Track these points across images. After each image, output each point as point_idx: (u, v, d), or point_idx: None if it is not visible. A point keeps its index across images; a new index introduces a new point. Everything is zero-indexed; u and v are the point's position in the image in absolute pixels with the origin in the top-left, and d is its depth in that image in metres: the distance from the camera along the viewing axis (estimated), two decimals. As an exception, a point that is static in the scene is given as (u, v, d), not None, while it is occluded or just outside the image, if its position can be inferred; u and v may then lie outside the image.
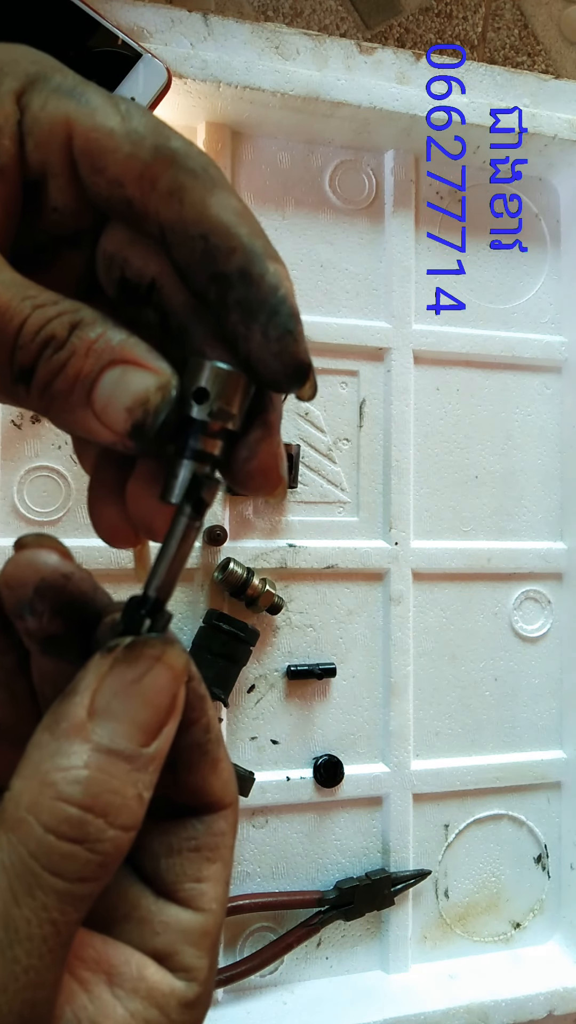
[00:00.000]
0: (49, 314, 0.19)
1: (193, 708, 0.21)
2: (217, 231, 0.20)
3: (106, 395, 0.19)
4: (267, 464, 0.22)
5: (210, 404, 0.20)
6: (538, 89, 0.59)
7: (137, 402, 0.19)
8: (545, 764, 0.62)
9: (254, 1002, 0.54)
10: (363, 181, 0.60)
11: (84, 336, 0.19)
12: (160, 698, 0.19)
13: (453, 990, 0.56)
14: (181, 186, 0.20)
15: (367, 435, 0.59)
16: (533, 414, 0.63)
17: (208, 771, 0.22)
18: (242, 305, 0.20)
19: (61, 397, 0.20)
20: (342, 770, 0.56)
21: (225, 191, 0.21)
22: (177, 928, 0.20)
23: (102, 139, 0.20)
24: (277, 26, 0.53)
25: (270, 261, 0.20)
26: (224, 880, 0.21)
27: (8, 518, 0.51)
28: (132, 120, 0.20)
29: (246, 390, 0.21)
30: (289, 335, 0.20)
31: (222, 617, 0.52)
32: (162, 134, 0.21)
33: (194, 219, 0.20)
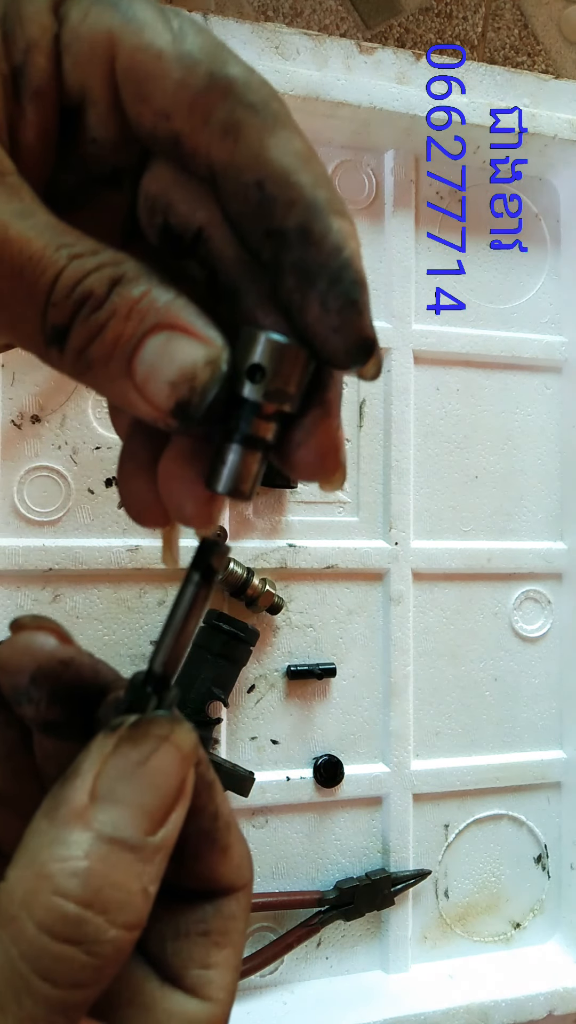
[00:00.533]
0: (87, 266, 0.17)
1: (200, 795, 0.20)
2: (275, 178, 0.17)
3: (148, 365, 0.17)
4: (325, 448, 0.19)
5: (265, 383, 0.18)
6: (538, 89, 0.59)
7: (183, 377, 0.17)
8: (545, 764, 0.62)
9: (254, 1002, 0.54)
10: (363, 181, 0.60)
11: (126, 294, 0.17)
12: (168, 781, 0.18)
13: (453, 990, 0.56)
14: (237, 122, 0.18)
15: (367, 435, 0.59)
16: (533, 414, 0.63)
17: (217, 859, 0.20)
18: (300, 268, 0.18)
19: (98, 364, 0.17)
20: (342, 770, 0.56)
21: (289, 130, 0.18)
22: (182, 1018, 0.19)
23: (149, 62, 0.17)
24: (277, 26, 0.53)
25: (335, 216, 0.18)
26: (234, 967, 0.20)
27: (8, 518, 0.51)
28: (185, 40, 0.18)
29: (305, 368, 0.18)
30: (352, 306, 0.17)
31: (222, 617, 0.52)
32: (219, 58, 0.18)
33: (250, 162, 0.18)
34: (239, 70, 0.18)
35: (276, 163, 0.18)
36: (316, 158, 0.18)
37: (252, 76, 0.18)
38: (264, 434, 0.18)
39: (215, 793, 0.20)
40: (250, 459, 0.18)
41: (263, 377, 0.18)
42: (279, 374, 0.18)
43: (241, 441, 0.18)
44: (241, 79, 0.18)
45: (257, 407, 0.18)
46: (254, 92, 0.18)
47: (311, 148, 0.18)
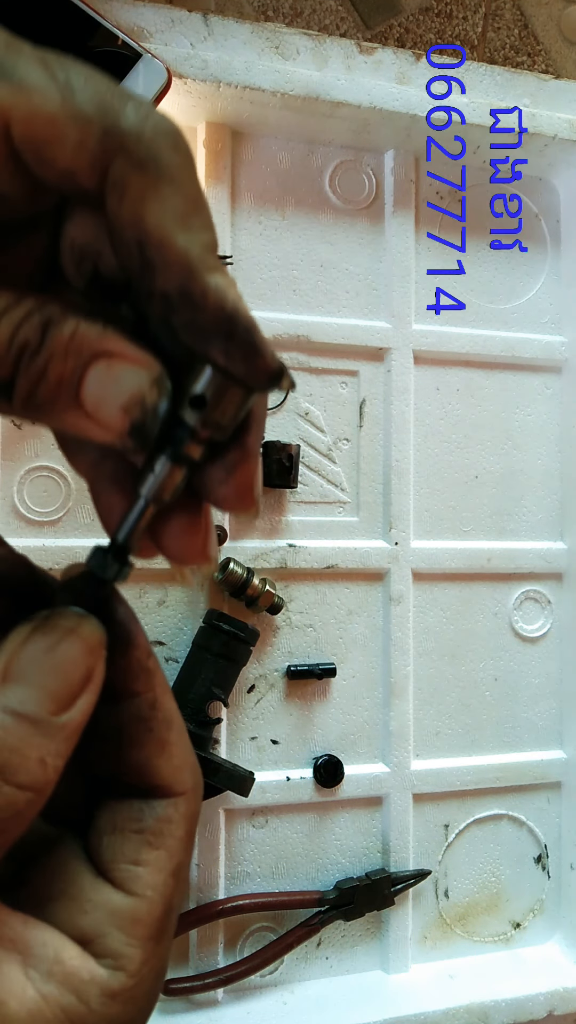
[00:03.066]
0: (15, 318, 0.18)
1: (136, 678, 0.21)
2: (151, 240, 0.18)
3: (95, 394, 0.18)
4: (243, 487, 0.21)
5: (205, 412, 0.19)
6: (538, 89, 0.59)
7: (133, 400, 0.18)
8: (545, 764, 0.62)
9: (254, 1002, 0.54)
10: (363, 181, 0.60)
11: (58, 335, 0.18)
12: (73, 668, 0.19)
13: (453, 990, 0.56)
14: (124, 181, 0.18)
15: (367, 435, 0.59)
16: (533, 414, 0.63)
17: (154, 751, 0.21)
18: (192, 328, 0.19)
19: (47, 403, 0.18)
20: (342, 770, 0.56)
21: (171, 185, 0.18)
22: (105, 908, 0.20)
23: (43, 128, 0.17)
24: (277, 26, 0.53)
25: (210, 274, 0.18)
26: (167, 870, 0.21)
27: (8, 518, 0.51)
28: (75, 95, 0.17)
29: (242, 404, 0.20)
30: (252, 351, 0.19)
31: (222, 617, 0.52)
32: (111, 110, 0.18)
33: (130, 223, 0.18)
34: (132, 121, 0.18)
35: (153, 224, 0.18)
36: (195, 212, 0.18)
37: (145, 125, 0.18)
38: (193, 455, 0.20)
39: (154, 683, 0.21)
40: (176, 473, 0.20)
41: (204, 406, 0.19)
42: (218, 406, 0.19)
43: (172, 456, 0.20)
44: (133, 132, 0.18)
45: (193, 431, 0.20)
46: (145, 146, 0.18)
47: (193, 200, 0.18)
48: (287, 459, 0.55)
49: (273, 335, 0.56)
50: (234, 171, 0.57)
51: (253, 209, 0.57)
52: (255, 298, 0.57)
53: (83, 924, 0.19)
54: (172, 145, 0.18)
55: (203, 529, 0.22)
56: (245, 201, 0.57)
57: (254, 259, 0.57)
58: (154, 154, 0.18)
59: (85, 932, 0.19)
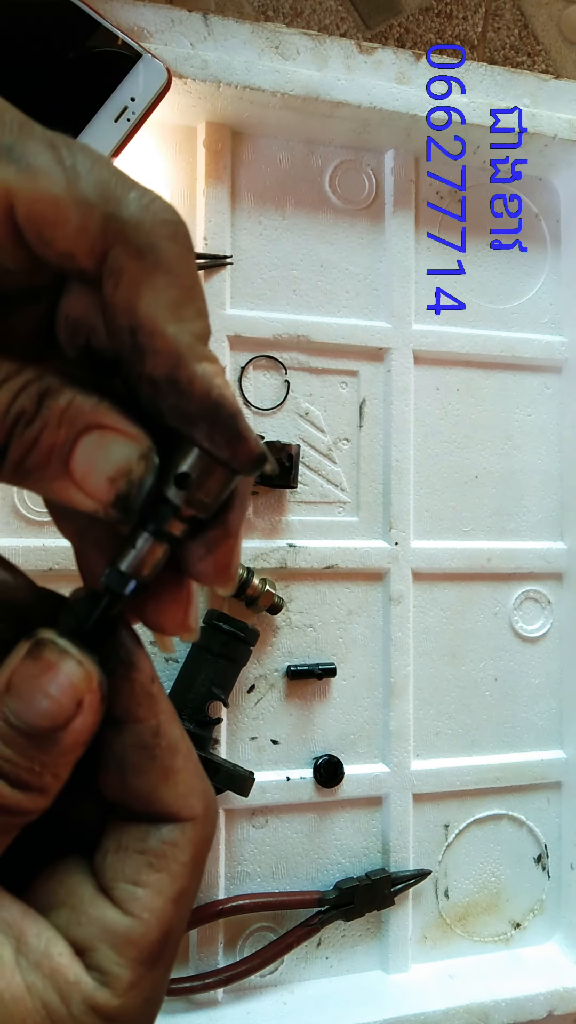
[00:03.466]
0: (14, 387, 0.18)
1: (140, 705, 0.21)
2: (143, 328, 0.18)
3: (84, 464, 0.19)
4: (221, 565, 0.21)
5: (189, 491, 0.20)
6: (538, 89, 0.59)
7: (120, 472, 0.19)
8: (545, 764, 0.62)
9: (254, 1002, 0.54)
10: (363, 181, 0.60)
11: (54, 405, 0.18)
12: (59, 696, 0.19)
13: (453, 990, 0.56)
14: (120, 268, 0.18)
15: (367, 435, 0.59)
16: (533, 414, 0.63)
17: (158, 779, 0.21)
18: (179, 413, 0.19)
19: (37, 470, 0.19)
20: (342, 770, 0.56)
21: (166, 275, 0.19)
22: (99, 924, 0.20)
23: (46, 209, 0.18)
24: (277, 26, 0.53)
25: (196, 361, 0.19)
26: (167, 895, 0.20)
27: (8, 518, 0.51)
28: (80, 181, 0.18)
29: (225, 485, 0.20)
30: (236, 437, 0.19)
31: (222, 617, 0.52)
32: (114, 198, 0.18)
33: (124, 309, 0.19)
34: (133, 208, 0.18)
35: (146, 312, 0.18)
36: (188, 302, 0.19)
37: (146, 215, 0.18)
38: (175, 531, 0.20)
39: (157, 709, 0.21)
40: (157, 549, 0.20)
41: (188, 485, 0.20)
42: (202, 486, 0.20)
43: (154, 533, 0.20)
44: (132, 221, 0.18)
45: (177, 509, 0.20)
46: (144, 234, 0.18)
47: (187, 289, 0.19)
48: (287, 459, 0.55)
49: (273, 335, 0.56)
50: (234, 171, 0.57)
51: (253, 209, 0.57)
52: (255, 298, 0.57)
53: (77, 935, 0.20)
54: (171, 235, 0.19)
55: (184, 601, 0.22)
56: (245, 201, 0.57)
57: (254, 259, 0.57)
58: (152, 243, 0.18)
59: (78, 943, 0.19)
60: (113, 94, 0.48)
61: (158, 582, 0.21)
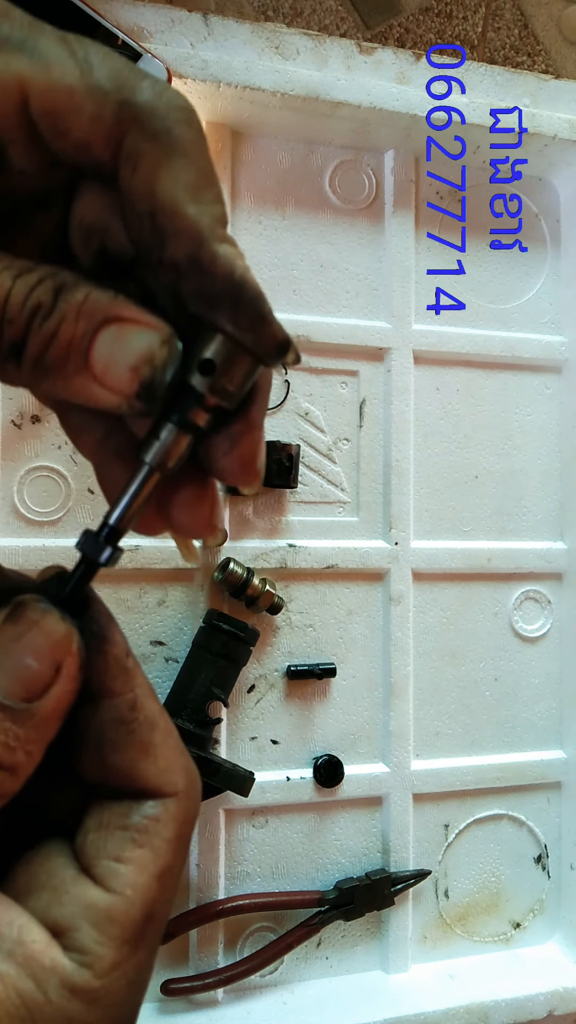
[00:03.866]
0: (30, 281, 0.18)
1: (114, 677, 0.21)
2: (163, 209, 0.18)
3: (105, 356, 0.18)
4: (247, 458, 0.21)
5: (213, 378, 0.19)
6: (538, 89, 0.59)
7: (142, 360, 0.18)
8: (545, 764, 0.62)
9: (254, 1002, 0.54)
10: (363, 181, 0.60)
11: (71, 299, 0.18)
12: (39, 660, 0.19)
13: (453, 990, 0.56)
14: (138, 152, 0.18)
15: (367, 435, 0.59)
16: (533, 414, 0.63)
17: (137, 754, 0.21)
18: (200, 296, 0.19)
19: (56, 366, 0.18)
20: (342, 770, 0.56)
21: (183, 158, 0.19)
22: (81, 902, 0.19)
23: (61, 99, 0.18)
24: (277, 26, 0.53)
25: (219, 242, 0.19)
26: (150, 872, 0.20)
27: (8, 518, 0.51)
28: (93, 71, 0.18)
29: (249, 373, 0.20)
30: (260, 320, 0.19)
31: (222, 617, 0.52)
32: (127, 85, 0.18)
33: (143, 193, 0.18)
34: (148, 94, 0.18)
35: (164, 194, 0.18)
36: (207, 186, 0.19)
37: (160, 99, 0.19)
38: (200, 422, 0.20)
39: (134, 683, 0.21)
40: (182, 440, 0.20)
41: (212, 372, 0.19)
42: (227, 373, 0.19)
43: (178, 423, 0.20)
44: (148, 105, 0.18)
45: (201, 397, 0.20)
46: (159, 119, 0.18)
47: (205, 174, 0.19)
48: (287, 459, 0.55)
49: (273, 335, 0.56)
50: (234, 171, 0.57)
51: (253, 209, 0.57)
52: (255, 298, 0.57)
53: (57, 915, 0.19)
54: (186, 120, 0.19)
55: (210, 500, 0.22)
56: (245, 201, 0.57)
57: (254, 259, 0.57)
58: (168, 127, 0.18)
59: (59, 923, 0.19)
60: (113, 94, 0.48)
61: (182, 483, 0.21)
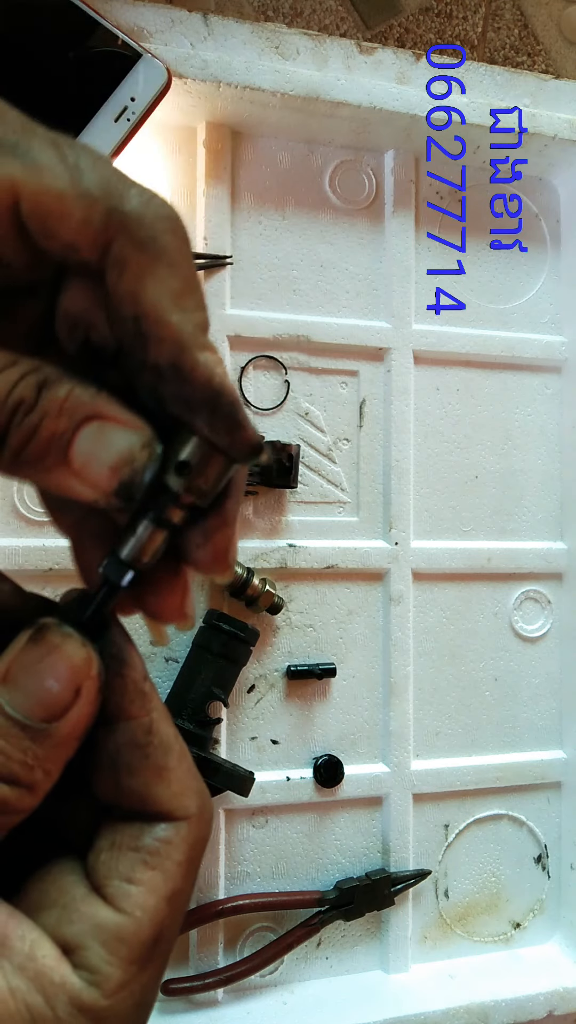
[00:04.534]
0: (12, 377, 0.19)
1: (132, 702, 0.21)
2: (147, 315, 0.19)
3: (85, 453, 0.19)
4: (220, 552, 0.22)
5: (189, 478, 0.20)
6: (538, 89, 0.59)
7: (122, 460, 0.19)
8: (545, 764, 0.62)
9: (254, 1002, 0.54)
10: (363, 181, 0.60)
11: (53, 395, 0.19)
12: (58, 682, 0.20)
13: (453, 990, 0.56)
14: (124, 259, 0.19)
15: (367, 435, 0.59)
16: (533, 414, 0.63)
17: (151, 777, 0.21)
18: (179, 399, 0.20)
19: (36, 459, 0.19)
20: (342, 770, 0.56)
21: (169, 267, 0.19)
22: (91, 921, 0.19)
23: (51, 204, 0.19)
24: (277, 26, 0.53)
25: (200, 351, 0.19)
26: (161, 894, 0.20)
27: (8, 518, 0.51)
28: (83, 177, 0.19)
29: (223, 474, 0.21)
30: (235, 425, 0.20)
31: (222, 617, 0.52)
32: (115, 193, 0.19)
33: (128, 298, 0.19)
34: (135, 203, 0.19)
35: (150, 301, 0.19)
36: (190, 293, 0.20)
37: (148, 207, 0.19)
38: (175, 519, 0.21)
39: (150, 707, 0.21)
40: (157, 536, 0.21)
41: (188, 473, 0.20)
42: (202, 474, 0.20)
43: (154, 520, 0.21)
44: (135, 214, 0.19)
45: (176, 496, 0.20)
46: (146, 228, 0.19)
47: (189, 282, 0.20)
48: (287, 459, 0.55)
49: (273, 335, 0.56)
50: (234, 171, 0.57)
51: (253, 209, 0.57)
52: (255, 298, 0.57)
53: (67, 933, 0.19)
54: (172, 229, 0.20)
55: (181, 588, 0.22)
56: (245, 201, 0.57)
57: (254, 259, 0.57)
58: (154, 236, 0.19)
59: (68, 941, 0.19)
60: (113, 94, 0.48)
61: (156, 571, 0.22)
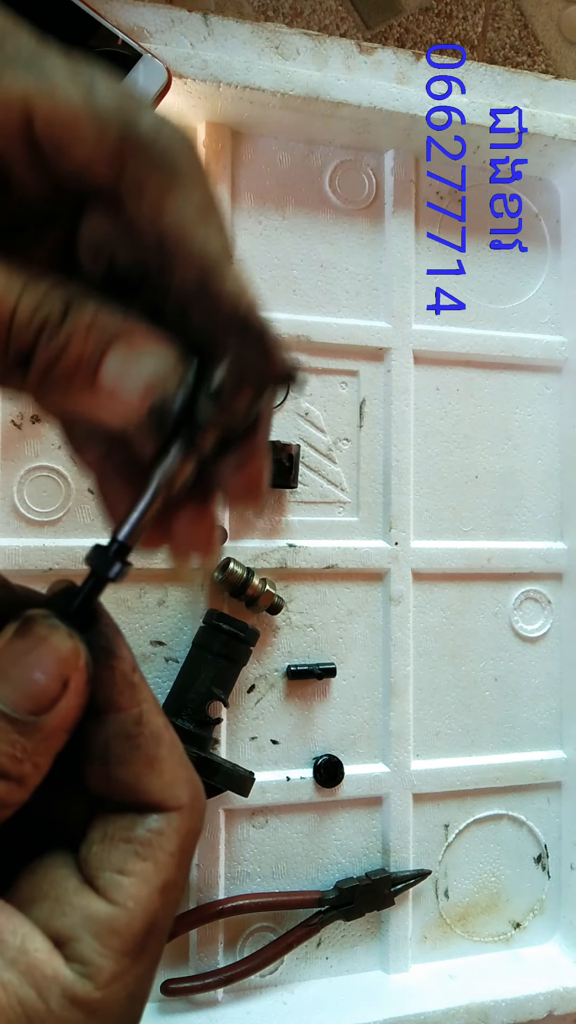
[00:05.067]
0: (36, 295, 0.18)
1: (120, 692, 0.21)
2: (170, 235, 0.19)
3: (114, 376, 0.18)
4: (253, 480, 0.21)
5: (221, 404, 0.20)
6: (538, 89, 0.59)
7: (154, 382, 0.18)
8: (545, 764, 0.62)
9: (254, 1002, 0.54)
10: (363, 181, 0.60)
11: (79, 316, 0.18)
12: (46, 674, 0.19)
13: (453, 990, 0.56)
14: (141, 180, 0.18)
15: (367, 435, 0.59)
16: (533, 414, 0.63)
17: (142, 768, 0.21)
18: (208, 324, 0.19)
19: (64, 381, 0.18)
20: (342, 770, 0.56)
21: (188, 186, 0.19)
22: (83, 913, 0.19)
23: (65, 121, 0.18)
24: (277, 26, 0.53)
25: (227, 271, 0.19)
26: (153, 885, 0.20)
27: (8, 518, 0.51)
28: (97, 95, 0.18)
29: (256, 400, 0.20)
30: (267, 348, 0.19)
31: (222, 617, 0.52)
32: (130, 111, 0.18)
33: (150, 219, 0.19)
34: (149, 123, 0.19)
35: (172, 221, 0.18)
36: (212, 211, 0.19)
37: (161, 128, 0.19)
38: (204, 447, 0.20)
39: (139, 698, 0.21)
40: (188, 462, 0.20)
41: (220, 398, 0.20)
42: (234, 399, 0.20)
43: (185, 446, 0.20)
44: (149, 133, 0.18)
45: (207, 421, 0.20)
46: (161, 147, 0.19)
47: (211, 200, 0.19)
48: (287, 459, 0.55)
49: (273, 335, 0.56)
50: (234, 171, 0.57)
51: (253, 209, 0.57)
52: (255, 298, 0.57)
53: (59, 925, 0.19)
54: (188, 150, 0.19)
55: (209, 518, 0.22)
56: (245, 201, 0.57)
57: (254, 259, 0.57)
58: (170, 156, 0.19)
59: (60, 933, 0.19)
60: (113, 94, 0.48)
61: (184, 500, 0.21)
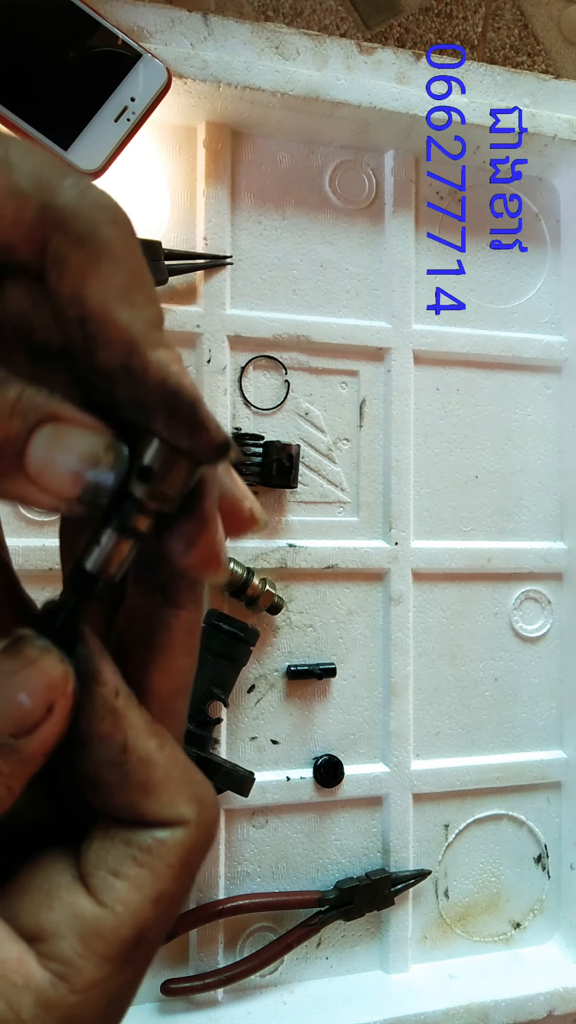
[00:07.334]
0: None
1: (102, 720, 0.20)
2: (93, 317, 0.18)
3: (42, 458, 0.18)
4: (204, 555, 0.20)
5: (152, 484, 0.19)
6: (538, 89, 0.59)
7: (87, 464, 0.18)
8: (545, 764, 0.62)
9: (254, 1002, 0.54)
10: (363, 181, 0.60)
11: (3, 395, 0.17)
12: (31, 698, 0.19)
13: (453, 990, 0.56)
14: (63, 257, 0.18)
15: (367, 435, 0.59)
16: (533, 414, 0.63)
17: (135, 795, 0.20)
18: (134, 403, 0.18)
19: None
20: (342, 770, 0.56)
21: (111, 261, 0.18)
22: (69, 910, 0.19)
23: None
24: (277, 26, 0.53)
25: (151, 348, 0.18)
26: (146, 893, 0.19)
27: (8, 518, 0.51)
28: (13, 172, 0.18)
29: (189, 477, 0.20)
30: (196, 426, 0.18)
31: (222, 617, 0.52)
32: (49, 187, 0.18)
33: (72, 299, 0.18)
34: (70, 196, 0.18)
35: (94, 301, 0.18)
36: (138, 288, 0.18)
37: (83, 200, 0.18)
38: (140, 526, 0.20)
39: (123, 724, 0.20)
40: (123, 546, 0.20)
41: (151, 478, 0.19)
42: (165, 478, 0.19)
43: (119, 529, 0.20)
44: (70, 208, 0.18)
45: (140, 503, 0.19)
46: (82, 222, 0.18)
47: (135, 275, 0.18)
48: (287, 459, 0.55)
49: (273, 335, 0.56)
50: (234, 171, 0.57)
51: (253, 209, 0.57)
52: (255, 298, 0.57)
53: (44, 920, 0.19)
54: (111, 220, 0.18)
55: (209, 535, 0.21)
56: (245, 201, 0.57)
57: (254, 259, 0.57)
58: (92, 230, 0.18)
59: (43, 927, 0.19)
60: (113, 94, 0.48)
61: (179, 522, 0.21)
